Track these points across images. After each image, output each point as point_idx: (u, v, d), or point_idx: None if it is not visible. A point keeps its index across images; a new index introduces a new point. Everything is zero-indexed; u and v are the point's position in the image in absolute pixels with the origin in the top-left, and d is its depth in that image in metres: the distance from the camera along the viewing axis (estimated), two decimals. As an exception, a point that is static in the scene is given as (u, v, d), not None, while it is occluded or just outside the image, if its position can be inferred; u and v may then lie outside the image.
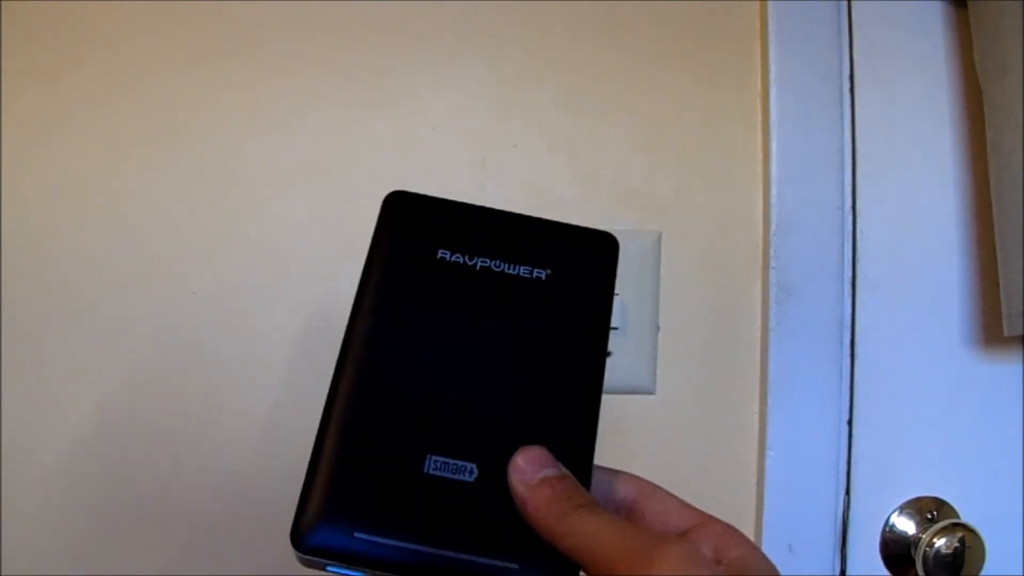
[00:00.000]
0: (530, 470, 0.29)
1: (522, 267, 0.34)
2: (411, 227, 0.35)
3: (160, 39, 0.62)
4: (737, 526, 0.30)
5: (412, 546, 0.28)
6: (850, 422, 0.61)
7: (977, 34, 0.61)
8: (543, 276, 0.34)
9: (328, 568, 0.28)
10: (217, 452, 0.58)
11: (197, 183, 0.61)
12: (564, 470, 0.29)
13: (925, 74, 0.65)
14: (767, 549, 0.51)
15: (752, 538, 0.58)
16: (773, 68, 0.63)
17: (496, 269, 0.33)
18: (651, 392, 0.61)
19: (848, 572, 0.61)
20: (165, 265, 0.60)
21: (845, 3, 0.65)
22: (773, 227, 0.61)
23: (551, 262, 0.34)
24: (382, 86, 0.63)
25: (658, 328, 0.62)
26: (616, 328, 0.60)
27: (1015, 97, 0.55)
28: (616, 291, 0.60)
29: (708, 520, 0.30)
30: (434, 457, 0.29)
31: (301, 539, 0.28)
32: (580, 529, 0.27)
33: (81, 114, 0.61)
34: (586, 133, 0.63)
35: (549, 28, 0.64)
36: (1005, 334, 0.57)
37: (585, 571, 0.27)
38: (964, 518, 0.61)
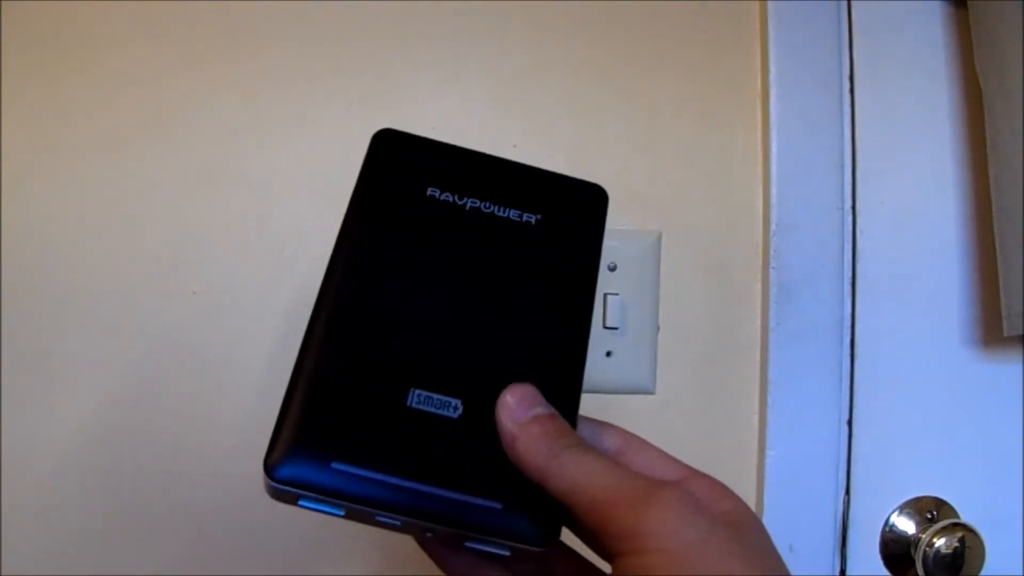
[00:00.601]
0: (519, 408, 0.27)
1: (512, 210, 0.33)
2: (400, 164, 0.33)
3: (160, 39, 0.62)
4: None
5: (392, 479, 0.26)
6: (850, 422, 0.61)
7: (977, 34, 0.61)
8: (533, 220, 0.33)
9: (300, 503, 0.27)
10: (217, 452, 0.58)
11: (197, 183, 0.61)
12: (553, 410, 0.28)
13: (925, 74, 0.65)
14: (767, 549, 0.51)
15: (752, 538, 0.58)
16: (773, 68, 0.63)
17: (486, 210, 0.32)
18: (651, 392, 0.61)
19: (848, 572, 0.61)
20: (165, 265, 0.60)
21: (845, 3, 0.65)
22: (773, 227, 0.61)
23: (541, 208, 0.33)
24: (382, 86, 0.63)
25: (658, 328, 0.62)
26: (616, 328, 0.60)
27: (1015, 97, 0.55)
28: (616, 291, 0.60)
29: (695, 473, 0.29)
30: (418, 391, 0.28)
31: (274, 468, 0.26)
32: (571, 469, 0.26)
33: (81, 114, 0.61)
34: (586, 133, 0.63)
35: (549, 28, 0.64)
36: (1005, 334, 0.57)
37: (573, 513, 0.26)
38: (964, 518, 0.61)
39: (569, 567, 0.32)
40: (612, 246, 0.61)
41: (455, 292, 0.30)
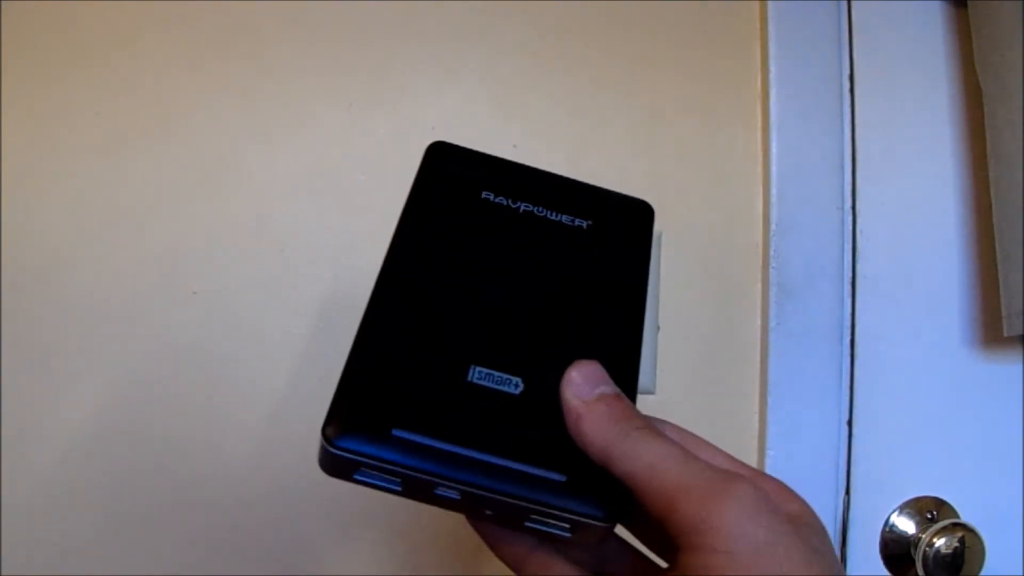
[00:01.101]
0: (585, 385, 0.27)
1: (564, 215, 0.34)
2: (454, 172, 0.34)
3: (160, 39, 0.62)
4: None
5: (455, 448, 0.26)
6: (850, 422, 0.61)
7: (977, 34, 0.61)
8: (584, 225, 0.34)
9: (357, 476, 0.26)
10: (217, 452, 0.58)
11: (197, 183, 0.61)
12: (618, 389, 0.27)
13: (925, 74, 0.65)
14: (767, 549, 0.51)
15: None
16: (773, 68, 0.63)
17: (539, 214, 0.33)
18: (651, 392, 0.61)
19: (848, 572, 0.61)
20: (166, 265, 0.60)
21: (845, 3, 0.65)
22: (773, 227, 0.61)
23: (591, 215, 0.34)
24: (382, 86, 0.63)
25: (658, 328, 0.62)
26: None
27: (1015, 97, 0.55)
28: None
29: (760, 473, 0.28)
30: (479, 368, 0.28)
31: (333, 436, 0.26)
32: (640, 452, 0.25)
33: (81, 114, 0.61)
34: (586, 133, 0.63)
35: (549, 28, 0.64)
36: (1005, 334, 0.57)
37: (639, 498, 0.25)
38: (964, 518, 0.61)
39: (623, 558, 0.31)
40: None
41: (512, 281, 0.31)
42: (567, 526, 0.26)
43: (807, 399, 0.60)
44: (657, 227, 0.62)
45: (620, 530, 0.29)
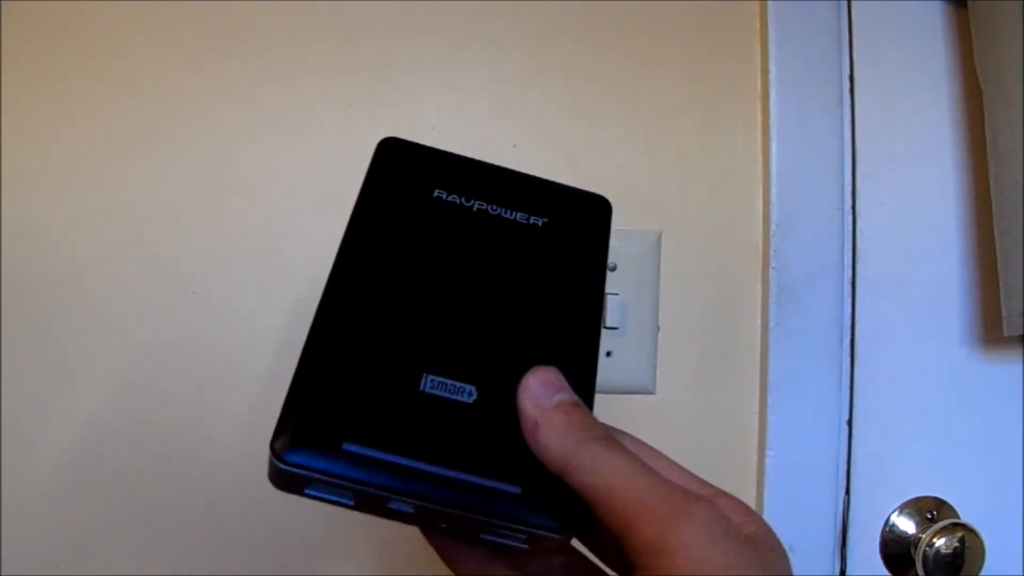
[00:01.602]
0: (542, 392, 0.26)
1: (519, 213, 0.33)
2: (406, 169, 0.33)
3: (160, 39, 0.62)
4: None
5: (406, 461, 0.25)
6: (850, 422, 0.61)
7: (977, 34, 0.61)
8: (539, 223, 0.33)
9: (307, 491, 0.26)
10: (217, 452, 0.58)
11: (197, 183, 0.61)
12: (576, 397, 0.26)
13: (925, 74, 0.65)
14: (767, 549, 0.51)
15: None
16: (773, 68, 0.63)
17: (493, 212, 0.32)
18: (651, 392, 0.61)
19: (848, 572, 0.61)
20: (165, 265, 0.60)
21: (845, 3, 0.65)
22: (773, 227, 0.61)
23: (547, 212, 0.33)
24: (382, 86, 0.63)
25: (658, 328, 0.62)
26: (616, 328, 0.60)
27: (1015, 97, 0.55)
28: (616, 291, 0.60)
29: (718, 492, 0.28)
30: (431, 376, 0.27)
31: (282, 451, 0.25)
32: (598, 464, 0.24)
33: (81, 114, 0.61)
34: (586, 133, 0.63)
35: (549, 28, 0.64)
36: (1005, 334, 0.57)
37: (596, 512, 0.24)
38: (964, 518, 0.61)
39: (580, 572, 0.31)
40: (612, 246, 0.61)
41: (465, 284, 0.30)
42: (523, 537, 0.26)
43: (807, 399, 0.60)
44: (657, 227, 0.63)
45: (578, 543, 0.28)
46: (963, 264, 0.64)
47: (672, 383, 0.62)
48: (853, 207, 0.63)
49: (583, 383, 0.28)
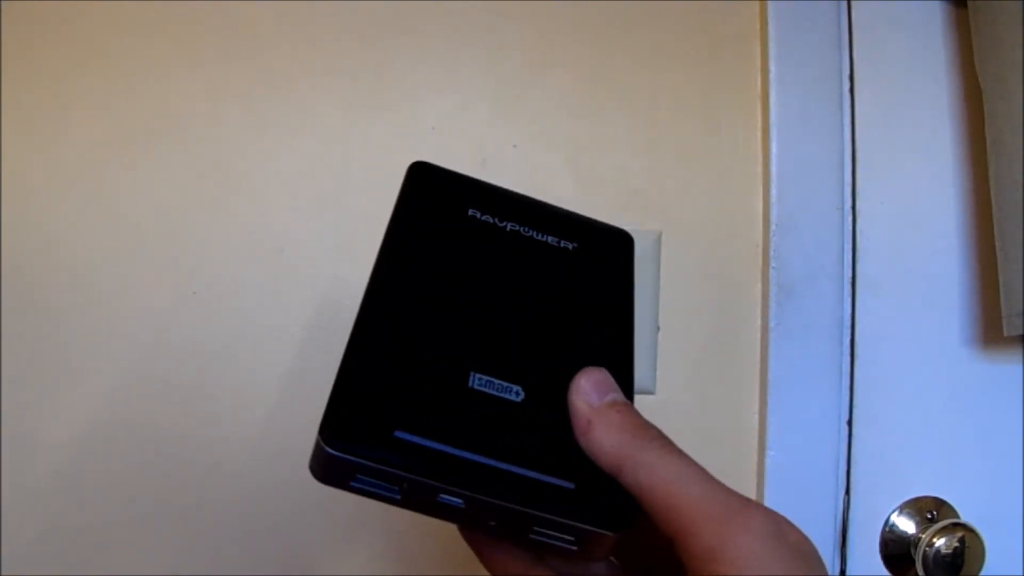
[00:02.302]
0: (595, 392, 0.26)
1: (550, 236, 0.34)
2: (438, 190, 0.34)
3: (160, 39, 0.62)
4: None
5: (459, 452, 0.24)
6: (850, 422, 0.61)
7: (977, 34, 0.61)
8: (570, 247, 0.34)
9: (353, 483, 0.25)
10: (216, 452, 0.58)
11: (197, 183, 0.61)
12: (626, 398, 0.26)
13: (925, 74, 0.65)
14: (767, 549, 0.51)
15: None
16: (773, 68, 0.63)
17: (525, 233, 0.33)
18: (651, 392, 0.61)
19: (848, 572, 0.60)
20: (165, 265, 0.60)
21: (845, 3, 0.65)
22: (773, 227, 0.61)
23: (576, 238, 0.34)
24: (382, 86, 0.63)
25: (658, 328, 0.62)
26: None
27: (1015, 97, 0.55)
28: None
29: (759, 504, 0.27)
30: (478, 375, 0.27)
31: (331, 438, 0.24)
32: (658, 465, 0.24)
33: (81, 114, 0.61)
34: (586, 133, 0.63)
35: (549, 28, 0.64)
36: (1005, 334, 0.57)
37: (650, 512, 0.24)
38: (964, 518, 0.61)
39: None
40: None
41: (503, 294, 0.31)
42: (572, 539, 0.25)
43: (807, 399, 0.60)
44: (657, 227, 0.63)
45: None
46: (963, 264, 0.64)
47: (672, 383, 0.62)
48: (853, 207, 0.63)
49: (624, 389, 0.28)
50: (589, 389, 0.26)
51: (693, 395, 0.62)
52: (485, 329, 0.29)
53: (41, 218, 0.60)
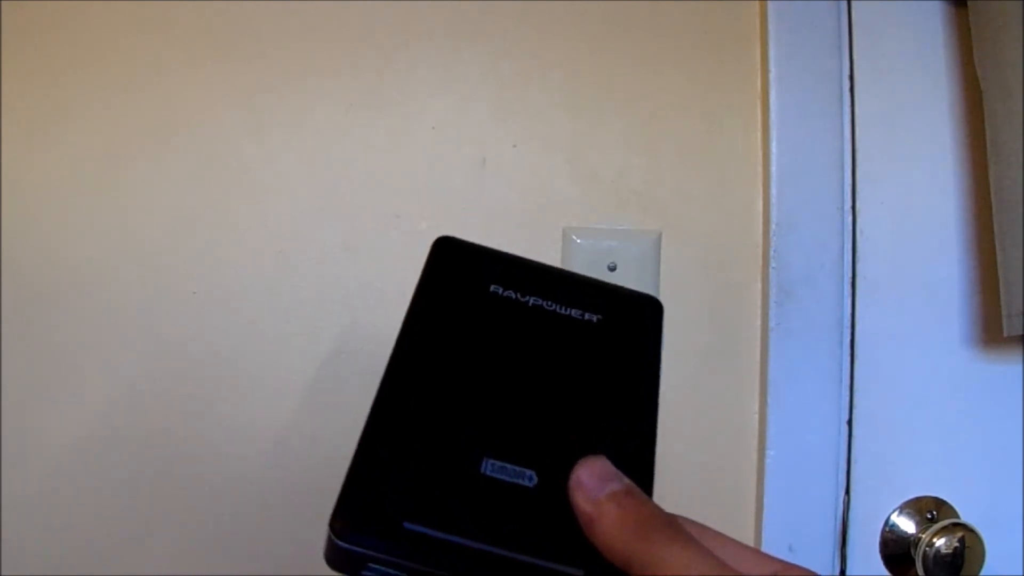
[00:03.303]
0: (593, 484, 0.26)
1: (573, 309, 0.33)
2: (461, 265, 0.34)
3: (160, 39, 0.62)
4: (737, 526, 0.29)
5: (467, 542, 0.25)
6: (850, 422, 0.61)
7: (977, 34, 0.61)
8: (594, 320, 0.33)
9: (364, 573, 0.26)
10: (215, 451, 0.58)
11: (197, 183, 0.61)
12: (629, 482, 0.26)
13: (925, 74, 0.65)
14: (767, 549, 0.51)
15: (752, 538, 0.58)
16: (773, 68, 0.63)
17: (548, 308, 0.33)
18: (651, 392, 0.61)
19: (848, 572, 0.60)
20: (165, 265, 0.60)
21: (845, 3, 0.65)
22: (773, 227, 0.61)
23: (601, 310, 0.34)
24: (382, 86, 0.63)
25: (658, 328, 0.62)
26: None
27: (1015, 97, 0.55)
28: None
29: (785, 566, 0.26)
30: (491, 460, 0.27)
31: (342, 530, 0.25)
32: (665, 559, 0.23)
33: (81, 114, 0.61)
34: (586, 133, 0.63)
35: (549, 28, 0.64)
36: (1005, 334, 0.57)
37: None
38: (964, 518, 0.61)
39: None
40: (612, 246, 0.61)
41: (523, 374, 0.31)
42: None
43: (807, 399, 0.60)
44: (657, 227, 0.63)
45: None
46: (963, 264, 0.64)
47: (672, 383, 0.61)
48: (853, 207, 0.63)
49: (641, 468, 0.28)
50: (587, 481, 0.26)
51: (693, 395, 0.62)
52: (501, 412, 0.29)
53: (41, 217, 0.60)
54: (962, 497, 0.62)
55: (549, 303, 0.33)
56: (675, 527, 0.24)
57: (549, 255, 0.61)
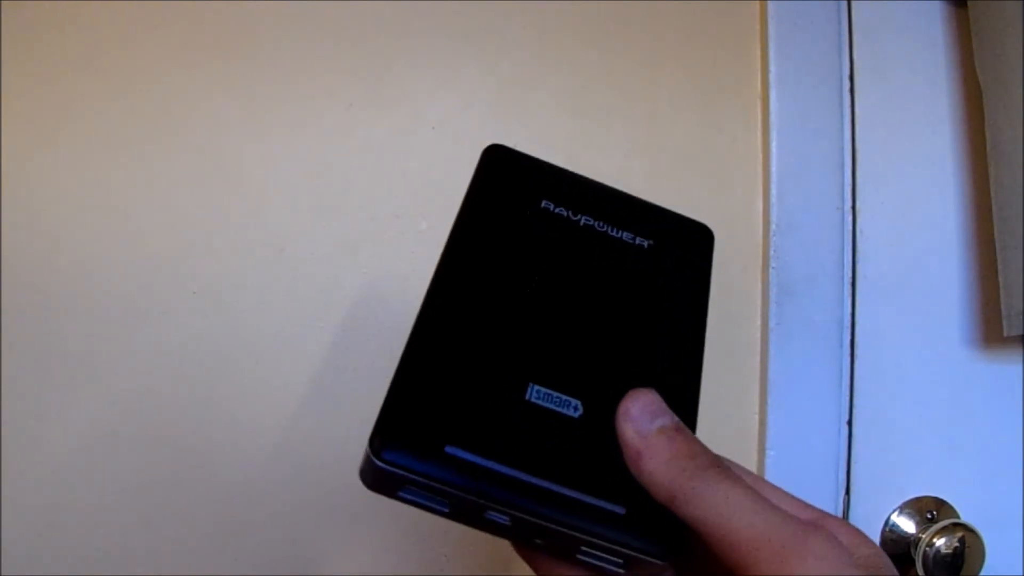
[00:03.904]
0: (642, 418, 0.25)
1: (625, 232, 0.32)
2: (512, 177, 0.33)
3: (160, 39, 0.62)
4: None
5: (509, 471, 0.24)
6: (850, 422, 0.61)
7: (977, 34, 0.61)
8: (645, 244, 0.33)
9: (402, 493, 0.25)
10: (215, 451, 0.58)
11: (197, 183, 0.61)
12: (679, 421, 0.26)
13: (925, 74, 0.65)
14: (767, 549, 0.51)
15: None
16: (773, 69, 0.63)
17: (599, 228, 0.32)
18: (651, 392, 0.61)
19: (848, 572, 0.60)
20: (165, 265, 0.60)
21: (845, 3, 0.65)
22: (773, 227, 0.61)
23: (652, 235, 0.33)
24: (382, 86, 0.63)
25: (658, 328, 0.62)
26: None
27: (1015, 97, 0.55)
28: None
29: (825, 515, 0.26)
30: (537, 387, 0.26)
31: (381, 449, 0.24)
32: (709, 497, 0.23)
33: (81, 114, 0.61)
34: (586, 133, 0.63)
35: (549, 28, 0.64)
36: (1005, 334, 0.57)
37: (707, 544, 0.23)
38: (964, 518, 0.61)
39: None
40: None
41: (571, 297, 0.30)
42: (620, 561, 0.25)
43: (807, 399, 0.60)
44: (657, 227, 0.63)
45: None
46: (963, 264, 0.64)
47: (672, 383, 0.61)
48: (853, 207, 0.63)
49: (686, 404, 0.28)
50: (637, 415, 0.25)
51: (693, 395, 0.62)
52: (548, 337, 0.28)
53: (40, 217, 0.60)
54: (962, 497, 0.62)
55: (600, 223, 0.32)
56: (722, 466, 0.24)
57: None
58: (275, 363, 0.59)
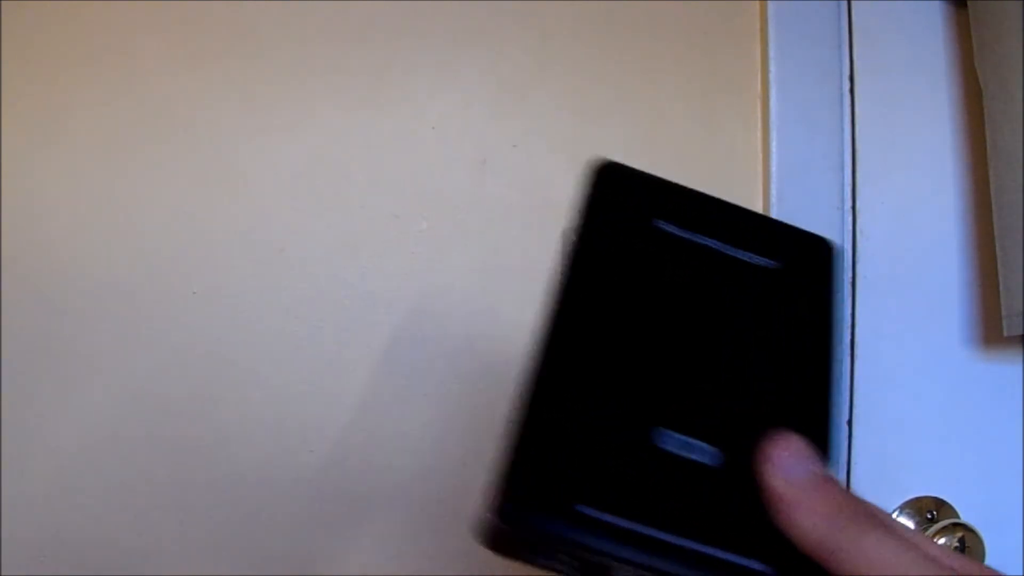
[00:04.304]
0: (794, 466, 0.23)
1: (747, 253, 0.30)
2: (625, 195, 0.31)
3: (160, 39, 0.62)
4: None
5: (646, 529, 0.22)
6: (850, 422, 0.61)
7: (977, 34, 0.61)
8: (768, 266, 0.30)
9: (529, 554, 0.23)
10: (215, 451, 0.58)
11: (197, 183, 0.61)
12: (828, 470, 0.24)
13: (925, 74, 0.65)
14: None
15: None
16: (773, 69, 0.63)
17: (719, 249, 0.29)
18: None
19: (848, 572, 0.60)
20: (165, 265, 0.60)
21: (845, 3, 0.65)
22: (773, 227, 0.61)
23: (775, 254, 0.30)
24: (382, 86, 0.63)
25: (658, 328, 0.62)
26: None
27: (1015, 97, 0.55)
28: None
29: (968, 563, 0.25)
30: (667, 432, 0.24)
31: (506, 512, 0.22)
32: (868, 553, 0.21)
33: (81, 114, 0.61)
34: (586, 133, 0.63)
35: (549, 28, 0.64)
36: (1005, 334, 0.57)
37: None
38: (964, 518, 0.60)
39: None
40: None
41: (693, 328, 0.27)
42: None
43: (807, 399, 0.60)
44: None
45: None
46: (963, 264, 0.64)
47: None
48: (853, 207, 0.63)
49: (823, 446, 0.26)
50: (787, 462, 0.23)
51: (693, 395, 0.62)
52: (674, 375, 0.26)
53: (40, 217, 0.60)
54: (962, 497, 0.61)
55: (719, 243, 0.29)
56: (878, 520, 0.22)
57: (549, 256, 0.61)
58: (275, 362, 0.59)
